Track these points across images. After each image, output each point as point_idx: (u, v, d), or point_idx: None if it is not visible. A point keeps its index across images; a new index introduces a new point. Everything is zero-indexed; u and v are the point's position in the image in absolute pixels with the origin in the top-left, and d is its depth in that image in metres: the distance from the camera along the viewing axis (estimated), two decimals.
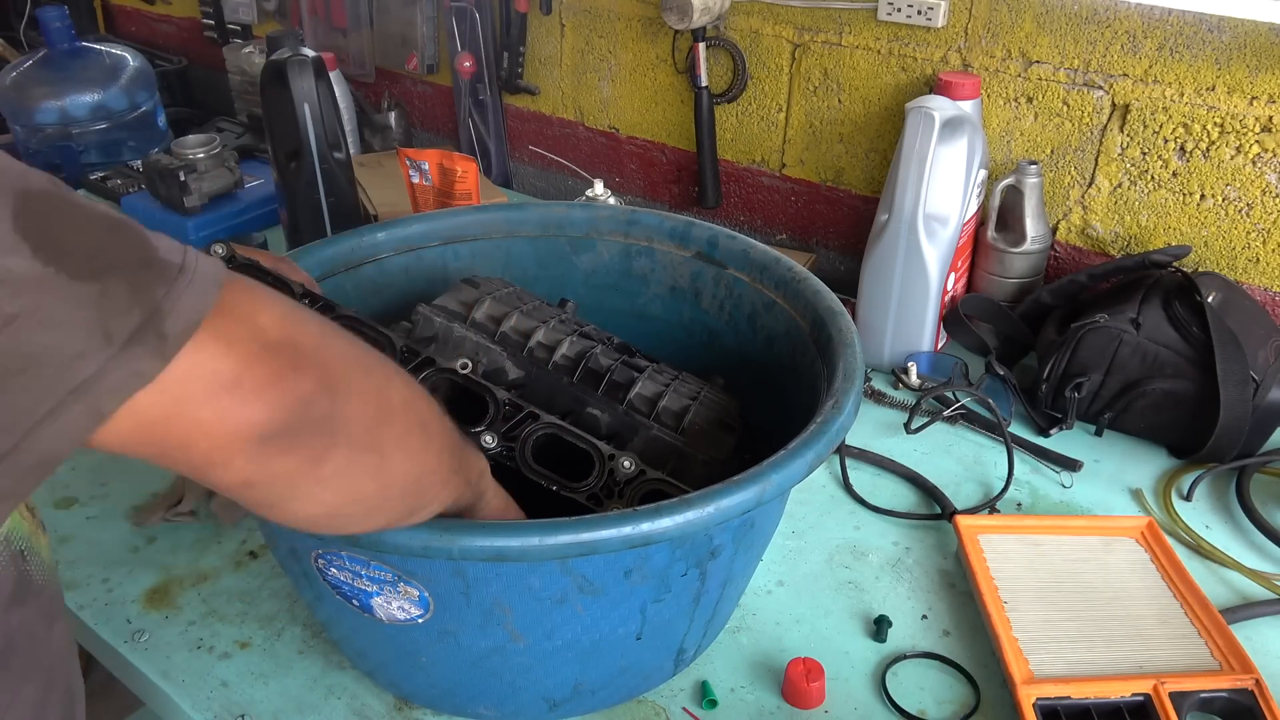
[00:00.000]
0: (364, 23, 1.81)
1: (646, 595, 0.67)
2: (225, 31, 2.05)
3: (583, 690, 0.74)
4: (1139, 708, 0.75)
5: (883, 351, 1.21)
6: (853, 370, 0.75)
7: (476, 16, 1.63)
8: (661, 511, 0.59)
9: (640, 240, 0.99)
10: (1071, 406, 1.08)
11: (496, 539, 0.58)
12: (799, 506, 0.99)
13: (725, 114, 1.48)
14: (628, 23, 1.52)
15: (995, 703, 0.78)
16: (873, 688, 0.80)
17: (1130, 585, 0.87)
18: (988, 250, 1.25)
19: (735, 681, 0.80)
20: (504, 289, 0.89)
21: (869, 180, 1.38)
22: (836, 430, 0.68)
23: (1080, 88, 1.18)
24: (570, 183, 1.71)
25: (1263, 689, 0.76)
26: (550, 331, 0.83)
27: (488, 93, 1.70)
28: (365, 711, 0.77)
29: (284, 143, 1.26)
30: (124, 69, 1.72)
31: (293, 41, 1.35)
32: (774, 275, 0.91)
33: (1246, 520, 0.96)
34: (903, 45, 1.28)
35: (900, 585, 0.90)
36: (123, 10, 2.30)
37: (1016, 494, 1.02)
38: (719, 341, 0.97)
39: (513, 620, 0.66)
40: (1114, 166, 1.19)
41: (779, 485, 0.63)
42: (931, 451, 1.08)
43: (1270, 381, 1.00)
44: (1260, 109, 1.08)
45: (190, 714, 0.77)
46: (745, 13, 1.40)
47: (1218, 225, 1.15)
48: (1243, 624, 0.85)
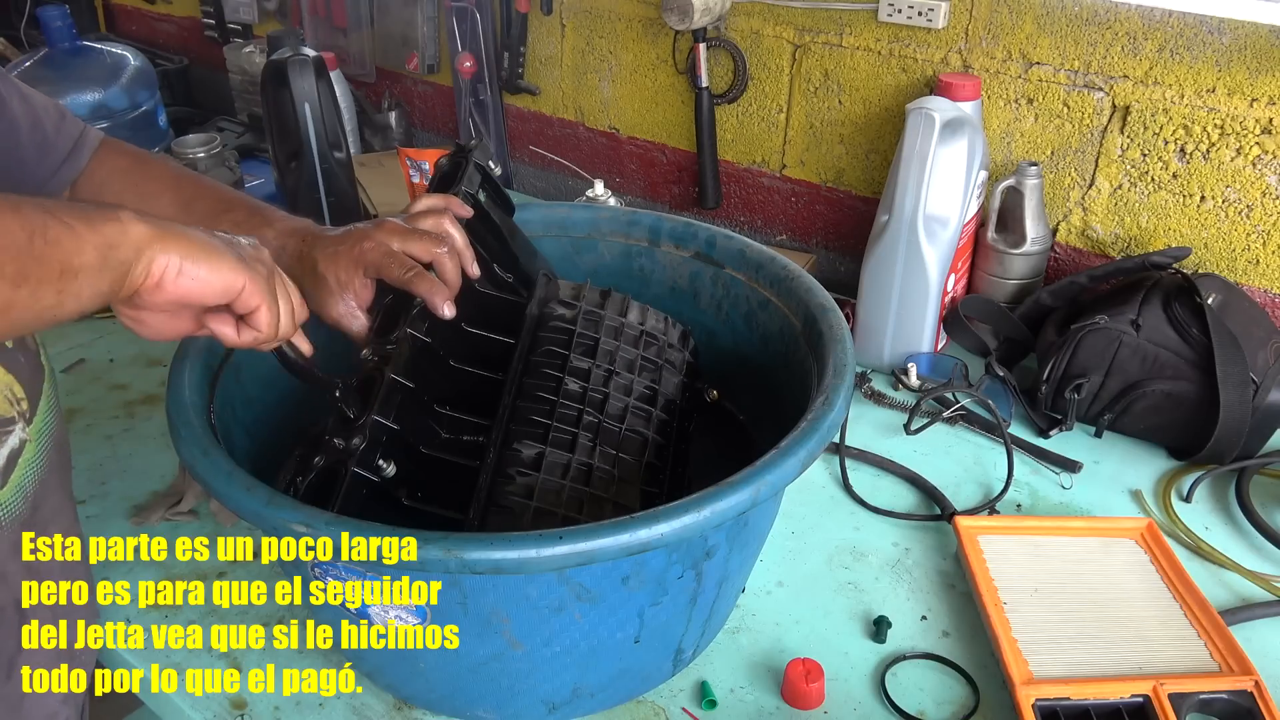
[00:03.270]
0: (365, 22, 1.81)
1: (644, 599, 0.68)
2: (226, 31, 2.05)
3: (582, 693, 0.74)
4: (1138, 709, 0.75)
5: (883, 352, 1.21)
6: (843, 366, 0.75)
7: (477, 16, 1.63)
8: (658, 517, 0.59)
9: (640, 240, 0.99)
10: (1071, 408, 1.08)
11: (494, 552, 0.57)
12: (799, 507, 0.99)
13: (726, 114, 1.48)
14: (628, 23, 1.52)
15: (994, 704, 0.78)
16: (872, 688, 0.80)
17: (1130, 586, 0.87)
18: (988, 251, 1.25)
19: (735, 682, 0.80)
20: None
21: (869, 181, 1.38)
22: (828, 427, 0.68)
23: (1080, 89, 1.18)
24: (570, 183, 1.71)
25: (1262, 690, 0.76)
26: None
27: (488, 93, 1.70)
28: (365, 711, 0.77)
29: (284, 142, 1.26)
30: (125, 68, 1.72)
31: (293, 41, 1.36)
32: (769, 274, 0.91)
33: (1246, 522, 0.96)
34: (903, 46, 1.28)
35: (900, 586, 0.90)
36: (123, 9, 2.30)
37: (1016, 495, 1.02)
38: (716, 341, 0.97)
39: (511, 628, 0.66)
40: (1114, 168, 1.19)
41: (773, 485, 0.64)
42: (931, 452, 1.08)
43: (1270, 383, 1.00)
44: (1260, 111, 1.08)
45: (189, 713, 0.78)
46: (746, 13, 1.40)
47: (1218, 227, 1.15)
48: (1242, 625, 0.85)
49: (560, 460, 0.76)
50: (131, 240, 0.54)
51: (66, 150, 0.80)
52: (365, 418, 0.68)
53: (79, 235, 0.52)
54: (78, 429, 1.10)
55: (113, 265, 0.53)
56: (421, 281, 0.73)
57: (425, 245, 0.75)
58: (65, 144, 0.81)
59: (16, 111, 0.77)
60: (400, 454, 0.70)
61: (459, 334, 0.79)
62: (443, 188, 0.85)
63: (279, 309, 0.62)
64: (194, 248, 0.56)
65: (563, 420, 0.78)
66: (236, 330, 0.61)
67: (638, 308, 0.91)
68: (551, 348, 0.83)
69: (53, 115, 0.81)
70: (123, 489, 1.01)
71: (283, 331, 0.63)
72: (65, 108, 0.83)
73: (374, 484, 0.68)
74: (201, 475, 0.64)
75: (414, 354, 0.73)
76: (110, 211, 0.54)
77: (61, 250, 0.51)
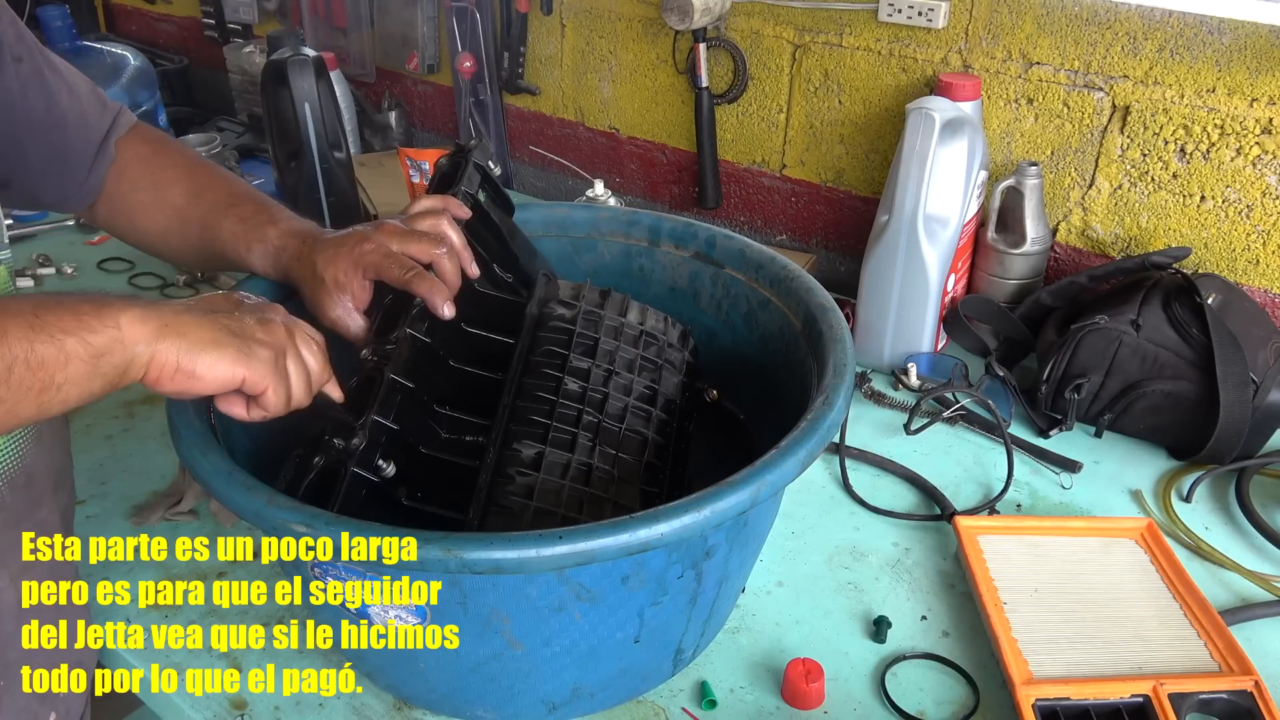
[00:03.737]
0: (365, 22, 1.81)
1: (644, 599, 0.68)
2: (226, 31, 2.05)
3: (582, 693, 0.74)
4: (1138, 709, 0.75)
5: (883, 352, 1.21)
6: (843, 366, 0.75)
7: (477, 16, 1.63)
8: (658, 517, 0.59)
9: (640, 240, 0.99)
10: (1071, 408, 1.08)
11: (494, 552, 0.57)
12: (798, 507, 0.99)
13: (726, 114, 1.48)
14: (628, 23, 1.52)
15: (994, 704, 0.78)
16: (872, 688, 0.80)
17: (1129, 586, 0.87)
18: (988, 251, 1.25)
19: (735, 682, 0.80)
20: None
21: (869, 181, 1.38)
22: (828, 426, 0.68)
23: (1080, 89, 1.18)
24: (570, 183, 1.71)
25: (1262, 690, 0.76)
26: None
27: (488, 93, 1.70)
28: (365, 711, 0.77)
29: (284, 142, 1.26)
30: (125, 68, 1.72)
31: (293, 41, 1.36)
32: (769, 273, 0.91)
33: (1246, 522, 0.96)
34: (903, 46, 1.28)
35: (900, 586, 0.90)
36: (124, 9, 2.30)
37: (1016, 495, 1.02)
38: (716, 341, 0.97)
39: (510, 628, 0.66)
40: (1114, 168, 1.19)
41: (773, 485, 0.64)
42: (931, 452, 1.08)
43: (1270, 383, 1.00)
44: (1260, 111, 1.08)
45: (189, 713, 0.78)
46: (746, 13, 1.40)
47: (1218, 227, 1.15)
48: (1242, 625, 0.85)
49: (560, 460, 0.76)
50: (127, 344, 0.54)
51: (99, 142, 0.81)
52: (365, 418, 0.68)
53: (65, 350, 0.52)
54: (78, 429, 1.10)
55: (103, 372, 0.54)
56: (421, 282, 0.73)
57: (424, 246, 0.75)
58: (98, 136, 0.81)
59: (65, 106, 0.78)
60: (400, 454, 0.70)
61: (459, 334, 0.79)
62: (442, 188, 0.85)
63: (289, 385, 0.63)
64: (192, 344, 0.57)
65: (562, 420, 0.78)
66: (246, 409, 0.63)
67: (637, 308, 0.91)
68: (551, 348, 0.83)
69: (93, 104, 0.81)
70: (123, 489, 1.01)
71: (295, 404, 0.64)
72: (99, 90, 0.83)
73: (374, 484, 0.68)
74: (201, 475, 0.64)
75: (414, 354, 0.73)
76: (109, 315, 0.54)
77: (44, 371, 0.51)
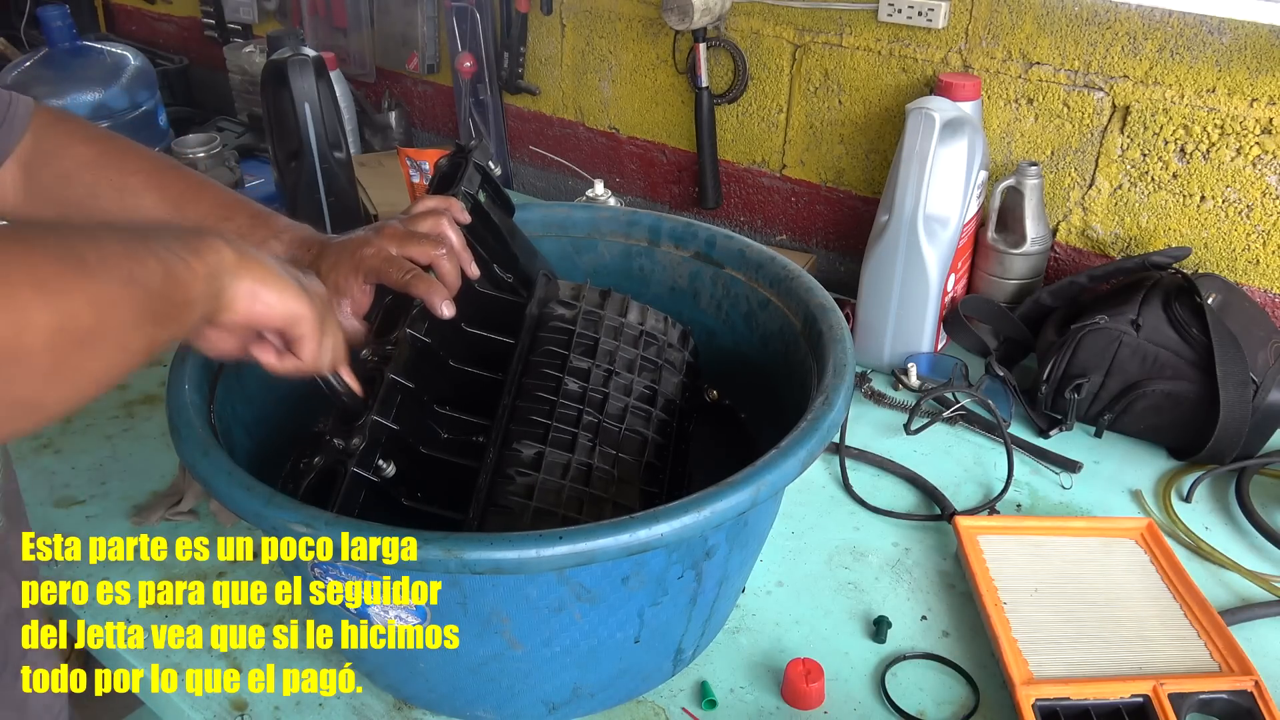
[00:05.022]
0: (365, 22, 1.81)
1: (644, 599, 0.68)
2: (226, 31, 2.05)
3: (582, 693, 0.74)
4: (1138, 709, 0.75)
5: (883, 352, 1.21)
6: (843, 366, 0.75)
7: (477, 16, 1.63)
8: (658, 517, 0.59)
9: (640, 240, 0.99)
10: (1071, 408, 1.08)
11: (494, 552, 0.57)
12: (798, 507, 0.99)
13: (726, 114, 1.48)
14: (628, 23, 1.52)
15: (994, 704, 0.78)
16: (872, 688, 0.80)
17: (1130, 586, 0.87)
18: (988, 251, 1.25)
19: (735, 682, 0.80)
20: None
21: (869, 181, 1.38)
22: (828, 427, 0.68)
23: (1080, 89, 1.18)
24: (570, 183, 1.71)
25: (1262, 690, 0.76)
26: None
27: (488, 93, 1.70)
28: (365, 711, 0.77)
29: (284, 142, 1.26)
30: (125, 68, 1.72)
31: (293, 41, 1.36)
32: (769, 273, 0.91)
33: (1246, 522, 0.96)
34: (903, 46, 1.28)
35: (900, 586, 0.90)
36: (123, 9, 2.30)
37: (1016, 495, 1.02)
38: (716, 341, 0.97)
39: (511, 628, 0.66)
40: (1114, 168, 1.19)
41: (773, 485, 0.64)
42: (931, 452, 1.08)
43: (1270, 383, 1.00)
44: (1260, 111, 1.07)
45: (189, 714, 0.78)
46: (746, 13, 1.40)
47: (1218, 227, 1.15)
48: (1242, 625, 0.85)
49: (560, 460, 0.76)
50: (227, 266, 0.54)
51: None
52: (365, 418, 0.68)
53: (191, 268, 0.51)
54: (78, 429, 1.10)
55: (214, 293, 0.54)
56: (420, 283, 0.73)
57: (423, 248, 0.75)
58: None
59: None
60: (400, 454, 0.70)
61: (459, 334, 0.79)
62: (442, 188, 0.85)
63: (326, 342, 0.63)
64: (267, 274, 0.57)
65: (562, 420, 0.78)
66: (279, 357, 0.63)
67: (637, 308, 0.91)
68: (551, 348, 0.83)
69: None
70: (123, 489, 1.01)
71: (323, 364, 0.64)
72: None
73: (374, 484, 0.68)
74: (201, 475, 0.64)
75: (414, 354, 0.73)
76: (210, 239, 0.54)
77: (183, 286, 0.51)
